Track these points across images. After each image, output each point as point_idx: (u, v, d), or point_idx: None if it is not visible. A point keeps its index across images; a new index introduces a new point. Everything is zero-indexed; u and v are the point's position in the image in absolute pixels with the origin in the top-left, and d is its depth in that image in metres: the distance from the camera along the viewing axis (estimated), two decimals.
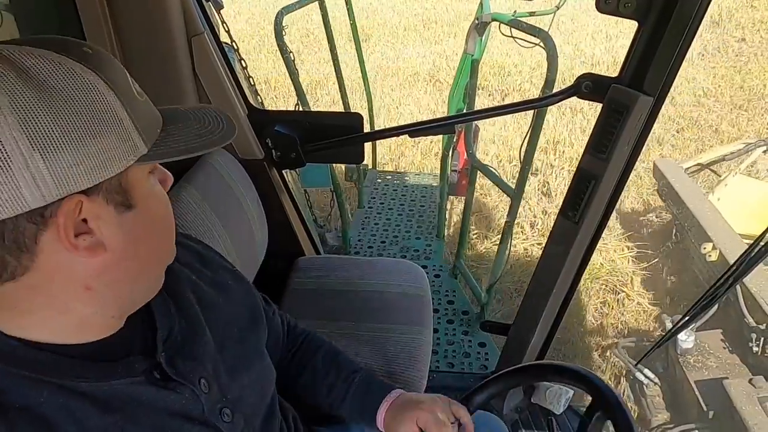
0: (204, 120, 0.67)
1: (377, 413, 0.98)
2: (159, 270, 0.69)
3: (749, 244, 1.06)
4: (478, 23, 2.12)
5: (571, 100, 1.27)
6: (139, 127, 0.57)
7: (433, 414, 0.91)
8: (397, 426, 0.93)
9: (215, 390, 0.74)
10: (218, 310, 0.82)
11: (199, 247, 0.90)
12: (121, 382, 0.64)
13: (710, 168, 4.37)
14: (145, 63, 1.46)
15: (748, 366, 2.79)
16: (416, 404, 0.93)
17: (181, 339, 0.73)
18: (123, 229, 0.59)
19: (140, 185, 0.60)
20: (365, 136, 1.68)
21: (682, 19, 1.00)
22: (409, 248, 3.14)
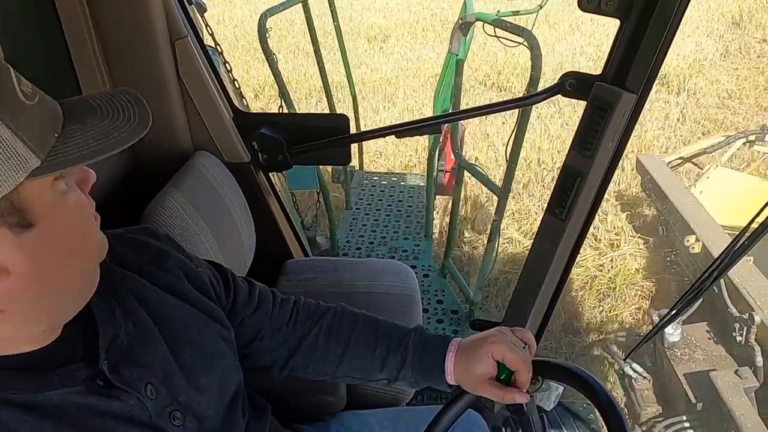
0: (112, 112, 0.60)
1: (444, 369, 0.90)
2: (79, 280, 0.65)
3: (732, 237, 1.08)
4: (462, 23, 2.13)
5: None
6: (26, 139, 0.52)
7: (505, 343, 0.85)
8: (473, 369, 0.86)
9: (164, 394, 0.72)
10: (171, 312, 0.79)
11: (158, 245, 0.85)
12: (57, 392, 0.62)
13: (692, 161, 4.43)
14: (128, 66, 1.45)
15: (734, 357, 2.83)
16: (484, 340, 0.87)
17: (127, 344, 0.70)
18: (24, 249, 0.54)
19: (39, 200, 0.55)
20: (351, 138, 1.69)
21: (663, 17, 1.02)
22: (397, 249, 3.15)
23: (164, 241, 0.87)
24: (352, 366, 0.96)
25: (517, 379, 0.85)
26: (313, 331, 0.97)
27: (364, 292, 1.78)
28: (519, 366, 0.83)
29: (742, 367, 2.68)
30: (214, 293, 0.89)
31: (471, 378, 0.87)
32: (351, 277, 1.84)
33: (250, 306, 0.96)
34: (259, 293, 0.98)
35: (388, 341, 0.95)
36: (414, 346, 0.93)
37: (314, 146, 1.65)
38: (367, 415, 1.33)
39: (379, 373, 0.96)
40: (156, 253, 0.84)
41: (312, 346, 0.97)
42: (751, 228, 1.01)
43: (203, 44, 1.58)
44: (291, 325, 0.98)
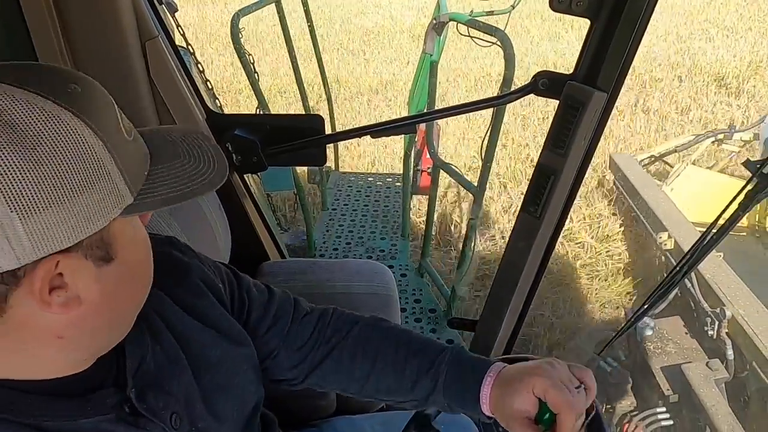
0: (193, 155, 0.62)
1: (480, 395, 0.79)
2: (136, 311, 0.65)
3: (702, 232, 1.10)
4: (435, 23, 2.14)
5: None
6: (126, 176, 0.53)
7: (551, 379, 0.72)
8: (510, 400, 0.74)
9: (186, 423, 0.71)
10: (193, 335, 0.77)
11: (182, 258, 0.82)
12: (89, 421, 0.60)
13: (663, 159, 4.52)
14: (97, 68, 1.42)
15: (705, 350, 2.90)
16: (530, 372, 0.74)
17: (155, 368, 0.69)
18: (101, 282, 0.55)
19: (122, 235, 0.56)
20: (327, 138, 1.68)
21: (632, 17, 1.03)
22: (374, 249, 3.15)
23: (186, 253, 0.84)
24: (379, 385, 0.88)
25: (559, 425, 0.71)
26: (339, 346, 0.90)
27: (342, 293, 1.77)
28: (562, 409, 0.70)
29: (713, 359, 2.75)
30: (232, 307, 0.86)
31: (505, 413, 0.76)
32: (328, 278, 1.83)
33: (265, 322, 0.91)
34: (277, 308, 0.92)
35: (420, 360, 0.86)
36: (447, 367, 0.84)
37: (289, 147, 1.64)
38: (359, 419, 1.33)
39: (409, 395, 0.87)
40: (180, 269, 0.81)
41: (337, 362, 0.90)
42: (718, 224, 1.04)
43: (174, 45, 1.56)
44: (312, 342, 0.91)
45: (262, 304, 0.91)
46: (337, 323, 0.93)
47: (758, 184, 0.94)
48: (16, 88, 0.48)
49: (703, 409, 2.51)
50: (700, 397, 2.54)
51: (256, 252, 1.92)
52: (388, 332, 0.91)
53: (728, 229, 1.02)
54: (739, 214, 0.99)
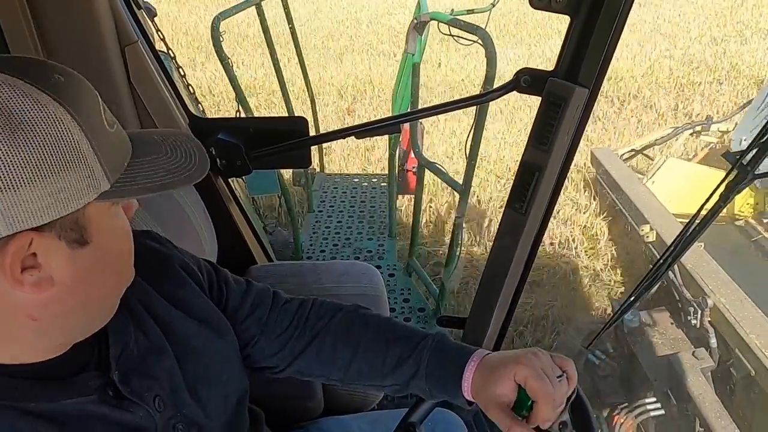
0: (176, 152, 0.64)
1: (462, 381, 0.81)
2: (113, 300, 0.67)
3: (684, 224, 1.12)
4: (417, 23, 2.15)
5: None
6: (103, 162, 0.55)
7: (533, 368, 0.73)
8: (492, 387, 0.76)
9: (170, 407, 0.72)
10: (176, 323, 0.78)
11: (160, 249, 0.84)
12: (72, 401, 0.62)
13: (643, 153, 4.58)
14: None
15: (690, 339, 2.94)
16: (512, 359, 0.76)
17: (138, 354, 0.71)
18: (74, 264, 0.56)
19: (99, 220, 0.58)
20: (311, 140, 1.67)
21: (611, 12, 1.04)
22: (362, 249, 3.15)
23: (165, 245, 0.86)
24: (361, 370, 0.90)
25: (536, 412, 0.72)
26: (321, 333, 0.92)
27: (330, 295, 1.77)
28: (540, 396, 0.71)
29: (698, 348, 2.79)
30: (211, 297, 0.87)
31: (485, 397, 0.77)
32: (316, 280, 1.83)
33: (242, 311, 0.92)
34: (254, 298, 0.94)
35: (403, 345, 0.88)
36: (431, 353, 0.86)
37: (274, 150, 1.63)
38: (346, 419, 1.33)
39: (390, 379, 0.89)
40: (160, 259, 0.83)
41: (318, 350, 0.92)
42: (700, 215, 1.06)
43: (154, 49, 1.54)
44: (292, 330, 0.93)
45: (239, 294, 0.93)
46: (319, 312, 0.96)
47: (738, 175, 0.96)
48: (1, 74, 0.50)
49: (691, 398, 2.55)
50: (688, 387, 2.58)
51: (242, 256, 1.91)
52: (370, 319, 0.94)
53: (710, 220, 1.03)
54: (720, 205, 1.00)
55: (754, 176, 0.95)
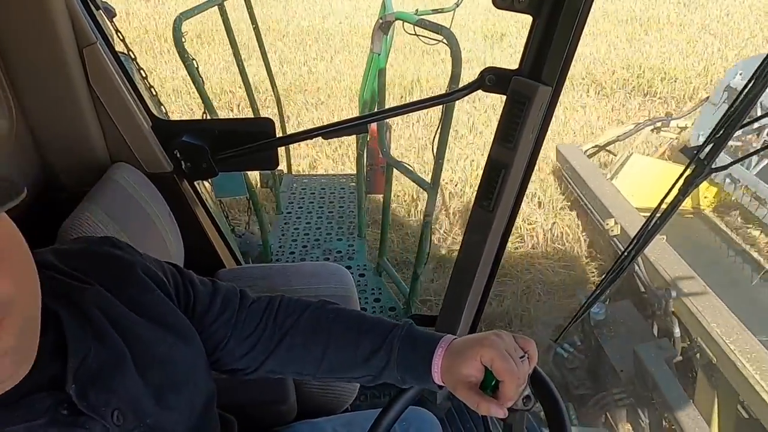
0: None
1: (432, 366, 0.83)
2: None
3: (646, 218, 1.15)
4: (382, 23, 2.15)
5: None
6: None
7: (498, 349, 0.76)
8: (458, 369, 0.79)
9: (131, 418, 0.70)
10: (139, 330, 0.76)
11: (121, 255, 0.81)
12: (17, 428, 0.58)
13: (606, 149, 4.68)
14: (33, 76, 1.35)
15: (654, 330, 3.03)
16: (477, 342, 0.78)
17: (97, 366, 0.68)
18: None
19: None
20: (278, 141, 1.66)
21: (572, 12, 1.06)
22: (331, 250, 3.13)
23: (127, 251, 0.83)
24: (333, 364, 0.91)
25: (501, 390, 0.76)
26: (291, 331, 0.92)
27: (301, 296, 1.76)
28: (506, 376, 0.75)
29: (662, 338, 2.87)
30: (178, 301, 0.85)
31: (453, 379, 0.80)
32: (286, 283, 1.82)
33: (211, 314, 0.90)
34: (222, 299, 0.92)
35: (373, 337, 0.89)
36: (401, 342, 0.88)
37: (240, 152, 1.61)
38: (320, 422, 1.32)
39: (362, 370, 0.90)
40: (122, 266, 0.80)
41: (289, 347, 0.92)
42: (661, 209, 1.08)
43: (114, 50, 1.51)
44: (262, 329, 0.92)
45: (207, 295, 0.91)
46: (287, 309, 0.95)
47: (695, 170, 0.99)
48: None
49: (656, 387, 2.62)
50: (653, 376, 2.65)
51: (210, 260, 1.88)
52: (339, 313, 0.94)
53: (670, 213, 1.06)
54: (679, 199, 1.03)
55: (711, 170, 0.98)
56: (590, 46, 8.72)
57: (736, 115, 0.91)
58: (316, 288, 1.80)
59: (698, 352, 2.78)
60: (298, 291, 1.78)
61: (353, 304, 1.79)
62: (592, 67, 7.82)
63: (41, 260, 0.69)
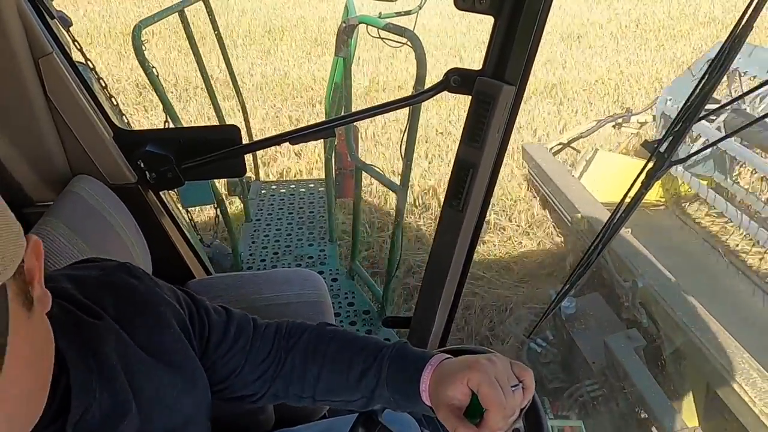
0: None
1: (420, 385, 0.80)
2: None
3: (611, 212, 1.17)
4: (345, 26, 2.15)
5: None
6: None
7: (487, 375, 0.71)
8: (444, 389, 0.75)
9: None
10: (148, 375, 0.72)
11: (137, 285, 0.76)
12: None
13: (571, 146, 4.77)
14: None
15: (623, 321, 3.09)
16: (469, 365, 0.74)
17: (100, 416, 0.64)
18: None
19: None
20: (244, 148, 1.64)
21: (532, 12, 1.08)
22: (303, 256, 3.12)
23: (144, 280, 0.78)
24: (330, 385, 0.89)
25: (486, 420, 0.71)
26: (292, 353, 0.91)
27: (274, 304, 1.74)
28: (491, 405, 0.70)
29: (631, 329, 2.94)
30: (192, 331, 0.81)
31: (437, 399, 0.77)
32: (257, 291, 1.79)
33: (225, 344, 0.87)
34: (236, 327, 0.90)
35: (365, 357, 0.87)
36: (390, 361, 0.85)
37: (206, 160, 1.59)
38: (299, 429, 1.32)
39: (356, 393, 0.88)
40: (139, 298, 0.75)
41: (291, 368, 0.90)
42: (625, 202, 1.11)
43: (72, 60, 1.47)
44: (274, 355, 0.91)
45: (221, 324, 0.88)
46: (291, 332, 0.94)
47: (656, 163, 1.02)
48: None
49: (627, 377, 2.67)
50: (623, 366, 2.71)
51: (179, 271, 1.85)
52: (335, 334, 0.93)
53: (634, 207, 1.09)
54: (642, 192, 1.06)
55: (671, 163, 1.00)
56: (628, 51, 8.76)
57: (693, 109, 0.94)
58: (289, 295, 1.78)
59: (666, 341, 2.86)
60: (270, 299, 1.76)
61: (327, 309, 1.77)
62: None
63: (57, 288, 0.66)
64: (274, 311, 1.70)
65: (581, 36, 9.46)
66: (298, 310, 1.72)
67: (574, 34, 9.54)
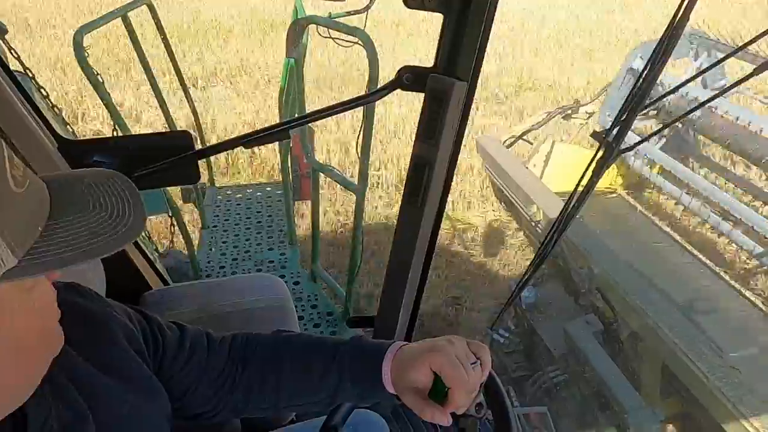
0: (106, 204, 0.53)
1: (382, 374, 0.81)
2: (28, 386, 0.57)
3: (565, 201, 1.20)
4: (296, 27, 2.13)
5: None
6: (6, 234, 0.45)
7: (448, 355, 0.74)
8: (407, 375, 0.77)
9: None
10: (103, 391, 0.71)
11: (87, 306, 0.75)
12: None
13: (523, 138, 4.86)
14: None
15: (581, 307, 3.18)
16: (427, 348, 0.77)
17: (58, 428, 0.63)
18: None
19: (7, 303, 0.49)
20: (197, 154, 1.61)
21: (480, 8, 1.10)
22: (263, 261, 3.07)
23: (94, 301, 0.77)
24: (291, 391, 0.89)
25: (450, 397, 0.74)
26: (248, 364, 0.90)
27: (235, 311, 1.71)
28: (454, 383, 0.74)
29: (589, 314, 3.02)
30: (147, 349, 0.80)
31: (401, 385, 0.79)
32: (218, 299, 1.76)
33: (180, 359, 0.86)
34: (190, 343, 0.88)
35: (323, 356, 0.87)
36: (349, 356, 0.86)
37: (157, 168, 1.55)
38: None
39: (319, 393, 0.88)
40: (88, 318, 0.74)
41: (248, 380, 0.89)
42: (577, 192, 1.14)
43: (9, 70, 1.41)
44: (229, 367, 0.89)
45: (175, 340, 0.87)
46: (246, 344, 0.93)
47: (606, 152, 1.05)
48: None
49: (587, 361, 2.75)
50: (583, 351, 2.78)
51: (134, 283, 1.80)
52: (289, 339, 0.93)
53: (586, 196, 1.12)
54: (593, 181, 1.09)
55: (619, 151, 1.04)
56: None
57: (638, 97, 0.97)
58: (250, 300, 1.76)
59: (622, 324, 2.95)
60: (232, 306, 1.73)
61: (290, 313, 1.76)
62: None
63: None
64: (236, 318, 1.67)
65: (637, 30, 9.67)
66: (261, 316, 1.70)
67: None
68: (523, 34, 10.07)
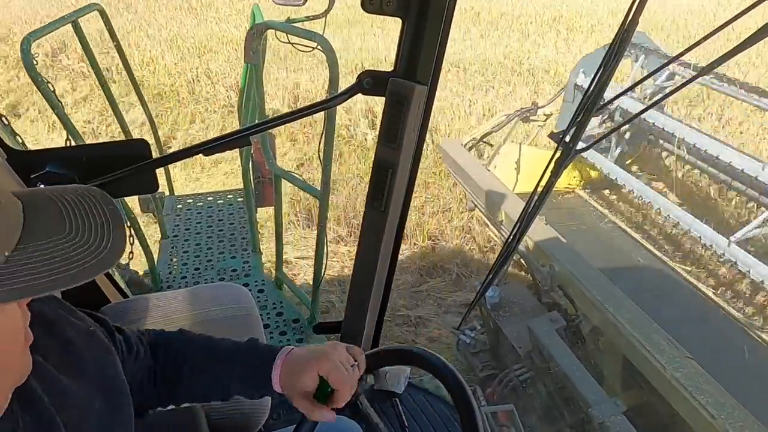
0: (83, 227, 0.50)
1: (272, 377, 0.90)
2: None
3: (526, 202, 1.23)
4: (253, 33, 2.11)
5: None
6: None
7: (333, 361, 0.86)
8: (296, 380, 0.87)
9: None
10: (69, 394, 0.70)
11: (45, 310, 0.74)
12: None
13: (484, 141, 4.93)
14: None
15: (544, 304, 3.24)
16: (315, 354, 0.88)
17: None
18: None
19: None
20: (155, 162, 1.57)
21: (437, 13, 1.11)
22: (226, 269, 3.03)
23: (51, 304, 0.77)
24: (198, 385, 0.96)
25: (337, 397, 0.86)
26: (169, 361, 0.96)
27: (199, 322, 1.68)
28: (340, 386, 0.86)
29: (551, 311, 3.08)
30: (107, 353, 0.81)
31: (291, 388, 0.88)
32: (181, 309, 1.73)
33: (131, 358, 0.90)
34: (136, 346, 0.93)
35: (219, 355, 0.95)
36: (242, 357, 0.94)
37: (114, 177, 1.51)
38: None
39: (219, 390, 0.96)
40: (48, 322, 0.73)
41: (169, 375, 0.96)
42: (537, 192, 1.16)
43: None
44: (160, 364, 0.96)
45: (129, 342, 0.92)
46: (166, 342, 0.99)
47: (563, 152, 1.08)
48: None
49: (552, 357, 2.80)
50: (547, 348, 2.83)
51: (92, 296, 1.75)
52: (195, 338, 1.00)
53: (545, 196, 1.14)
54: (552, 181, 1.11)
55: (576, 152, 1.06)
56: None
57: (590, 102, 1.00)
58: (214, 310, 1.73)
59: (583, 320, 3.02)
60: (197, 316, 1.70)
61: (255, 321, 1.74)
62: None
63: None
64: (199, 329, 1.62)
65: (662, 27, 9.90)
66: (226, 325, 1.67)
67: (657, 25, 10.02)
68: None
